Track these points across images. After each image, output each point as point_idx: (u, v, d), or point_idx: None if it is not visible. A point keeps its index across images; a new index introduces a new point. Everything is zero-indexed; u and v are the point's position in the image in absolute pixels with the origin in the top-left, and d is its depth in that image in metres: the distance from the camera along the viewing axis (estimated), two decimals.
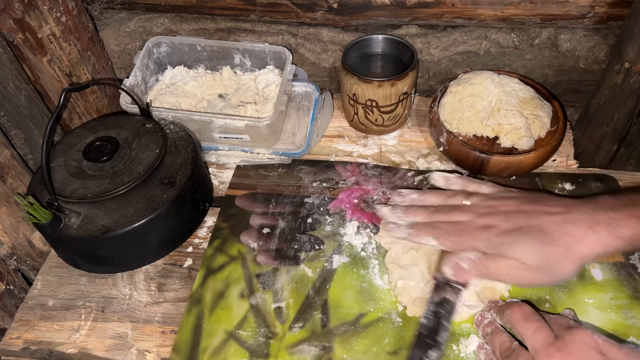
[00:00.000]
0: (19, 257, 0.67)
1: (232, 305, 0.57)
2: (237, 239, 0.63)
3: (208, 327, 0.55)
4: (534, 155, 0.64)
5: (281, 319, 0.55)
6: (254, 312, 0.56)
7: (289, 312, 0.56)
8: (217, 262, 0.61)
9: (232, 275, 0.59)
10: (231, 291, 0.58)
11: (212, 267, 0.60)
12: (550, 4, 0.67)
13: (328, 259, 0.60)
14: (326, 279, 0.58)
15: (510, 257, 0.50)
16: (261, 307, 0.56)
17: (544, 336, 0.44)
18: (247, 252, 0.61)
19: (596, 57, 0.74)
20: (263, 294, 0.57)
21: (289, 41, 0.80)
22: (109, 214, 0.57)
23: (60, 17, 0.70)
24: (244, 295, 0.57)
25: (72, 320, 0.58)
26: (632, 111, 0.63)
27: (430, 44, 0.77)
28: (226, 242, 0.63)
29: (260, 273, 0.59)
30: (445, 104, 0.70)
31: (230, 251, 0.62)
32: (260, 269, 0.60)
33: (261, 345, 0.53)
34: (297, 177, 0.70)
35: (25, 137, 0.68)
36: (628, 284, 0.56)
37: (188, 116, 0.70)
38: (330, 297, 0.57)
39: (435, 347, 0.50)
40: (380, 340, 0.53)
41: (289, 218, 0.65)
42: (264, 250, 0.61)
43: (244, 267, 0.60)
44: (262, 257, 0.61)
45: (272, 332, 0.54)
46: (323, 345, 0.53)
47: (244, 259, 0.61)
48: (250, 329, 0.54)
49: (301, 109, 0.79)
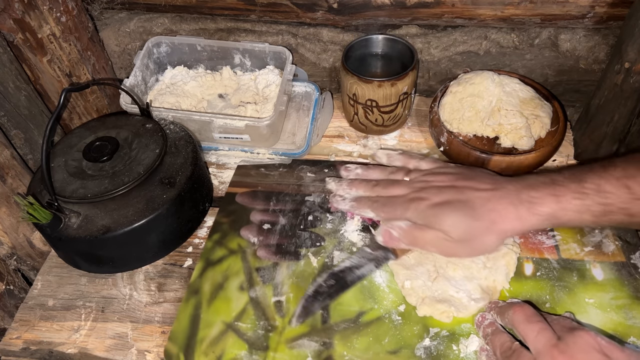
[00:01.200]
0: (19, 257, 0.67)
1: (231, 297, 0.57)
2: (237, 233, 0.63)
3: (206, 318, 0.55)
4: (535, 155, 0.64)
5: (281, 312, 0.55)
6: (254, 304, 0.56)
7: (289, 306, 0.56)
8: (216, 255, 0.61)
9: (231, 267, 0.59)
10: (230, 283, 0.58)
11: (211, 260, 0.60)
12: (550, 4, 0.68)
13: (329, 255, 0.60)
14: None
15: (437, 228, 0.53)
16: (261, 300, 0.56)
17: (546, 338, 0.44)
18: (247, 246, 0.61)
19: (596, 57, 0.74)
20: (263, 288, 0.57)
21: (289, 41, 0.80)
22: (109, 214, 0.57)
23: (60, 17, 0.70)
24: (243, 288, 0.57)
25: (72, 320, 0.58)
26: (632, 111, 0.63)
27: (430, 44, 0.77)
28: (226, 236, 0.63)
29: (260, 267, 0.59)
30: (446, 104, 0.70)
31: (230, 245, 0.62)
32: (260, 263, 0.60)
33: (260, 337, 0.53)
34: (298, 176, 0.70)
35: (25, 137, 0.68)
36: (629, 284, 0.56)
37: (188, 116, 0.70)
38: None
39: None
40: (381, 339, 0.53)
41: (289, 215, 0.65)
42: (264, 245, 0.61)
43: (243, 260, 0.60)
44: (262, 252, 0.61)
45: (271, 325, 0.54)
46: (323, 341, 0.53)
47: (244, 253, 0.61)
48: (250, 322, 0.55)
49: (301, 109, 0.79)
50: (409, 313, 0.55)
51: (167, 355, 0.53)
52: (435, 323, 0.54)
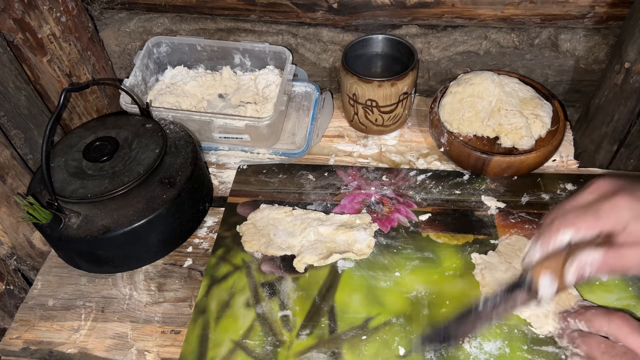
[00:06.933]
0: (19, 257, 0.66)
1: (238, 315, 0.56)
2: (241, 247, 0.62)
3: (214, 337, 0.55)
4: (535, 155, 0.64)
5: (288, 327, 0.55)
6: (261, 321, 0.56)
7: (296, 319, 0.55)
8: (221, 272, 0.60)
9: (237, 284, 0.59)
10: (236, 300, 0.57)
11: (216, 277, 0.60)
12: (550, 4, 0.67)
13: (332, 264, 0.60)
14: (332, 284, 0.58)
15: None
16: (267, 316, 0.56)
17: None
18: (251, 260, 0.61)
19: (596, 57, 0.74)
20: (269, 303, 0.57)
21: (289, 41, 0.80)
22: (109, 214, 0.57)
23: (60, 17, 0.70)
24: (249, 305, 0.57)
25: (72, 320, 0.58)
26: (632, 111, 0.63)
27: (430, 44, 0.77)
28: (230, 251, 0.62)
29: (266, 282, 0.59)
30: (446, 105, 0.70)
31: (234, 260, 0.61)
32: (265, 277, 0.59)
33: (269, 354, 0.53)
34: (298, 183, 0.69)
35: (25, 137, 0.68)
36: (633, 284, 0.56)
37: (188, 116, 0.70)
38: (336, 302, 0.56)
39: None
40: (390, 344, 0.52)
41: None
42: (268, 258, 0.61)
43: (248, 276, 0.60)
44: (266, 266, 0.60)
45: (279, 341, 0.54)
46: (332, 351, 0.53)
47: (249, 268, 0.60)
48: (258, 338, 0.54)
49: (301, 109, 0.79)
50: (417, 316, 0.55)
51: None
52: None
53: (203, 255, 0.63)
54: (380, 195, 0.67)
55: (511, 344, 0.52)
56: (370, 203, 0.66)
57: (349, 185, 0.68)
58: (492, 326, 0.53)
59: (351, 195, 0.67)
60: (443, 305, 0.55)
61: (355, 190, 0.67)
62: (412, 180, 0.68)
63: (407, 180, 0.68)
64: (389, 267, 0.59)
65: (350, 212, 0.65)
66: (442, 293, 0.56)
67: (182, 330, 0.56)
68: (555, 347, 0.51)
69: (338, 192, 0.68)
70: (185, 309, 0.58)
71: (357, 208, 0.65)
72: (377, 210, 0.65)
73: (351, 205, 0.66)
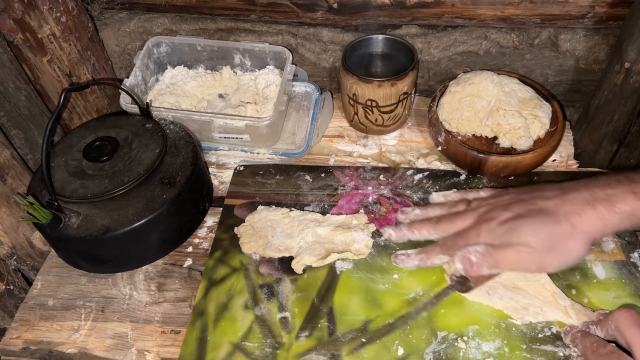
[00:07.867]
0: (19, 257, 0.67)
1: (236, 317, 0.56)
2: (238, 249, 0.62)
3: (213, 340, 0.54)
4: (532, 155, 0.64)
5: (287, 328, 0.55)
6: (259, 323, 0.55)
7: (295, 321, 0.55)
8: (218, 274, 0.60)
9: (235, 286, 0.59)
10: (235, 302, 0.57)
11: (214, 279, 0.59)
12: (550, 4, 0.68)
13: (331, 265, 0.60)
14: (330, 285, 0.58)
15: (516, 243, 0.50)
16: (266, 318, 0.56)
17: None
18: (249, 262, 0.61)
19: (596, 57, 0.74)
20: (267, 305, 0.57)
21: (289, 41, 0.80)
22: (109, 214, 0.57)
23: (60, 17, 0.70)
24: (248, 307, 0.57)
25: (72, 320, 0.58)
26: (632, 111, 0.63)
27: (430, 44, 0.77)
28: (227, 254, 0.62)
29: (264, 284, 0.59)
30: (445, 104, 0.70)
31: (232, 262, 0.61)
32: (263, 279, 0.59)
33: (268, 356, 0.53)
34: (295, 184, 0.69)
35: (25, 137, 0.68)
36: (630, 283, 0.56)
37: (188, 116, 0.70)
38: (335, 304, 0.56)
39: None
40: (389, 346, 0.52)
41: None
42: (266, 260, 0.61)
43: (246, 278, 0.59)
44: (264, 268, 0.60)
45: (278, 343, 0.54)
46: (332, 353, 0.52)
47: (247, 270, 0.60)
48: (257, 340, 0.54)
49: (301, 109, 0.79)
50: (416, 317, 0.54)
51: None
52: (443, 326, 0.53)
53: (203, 255, 0.63)
54: (378, 195, 0.67)
55: (510, 344, 0.52)
56: (367, 203, 0.66)
57: (346, 186, 0.68)
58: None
59: (348, 196, 0.67)
60: (442, 306, 0.55)
61: (353, 191, 0.67)
62: (410, 179, 0.68)
63: (405, 180, 0.68)
64: (387, 269, 0.59)
65: (348, 212, 0.65)
66: (441, 294, 0.56)
67: (182, 330, 0.56)
68: (554, 346, 0.51)
69: (335, 192, 0.68)
70: (185, 309, 0.59)
71: (354, 208, 0.65)
72: (375, 210, 0.65)
73: (348, 206, 0.66)
